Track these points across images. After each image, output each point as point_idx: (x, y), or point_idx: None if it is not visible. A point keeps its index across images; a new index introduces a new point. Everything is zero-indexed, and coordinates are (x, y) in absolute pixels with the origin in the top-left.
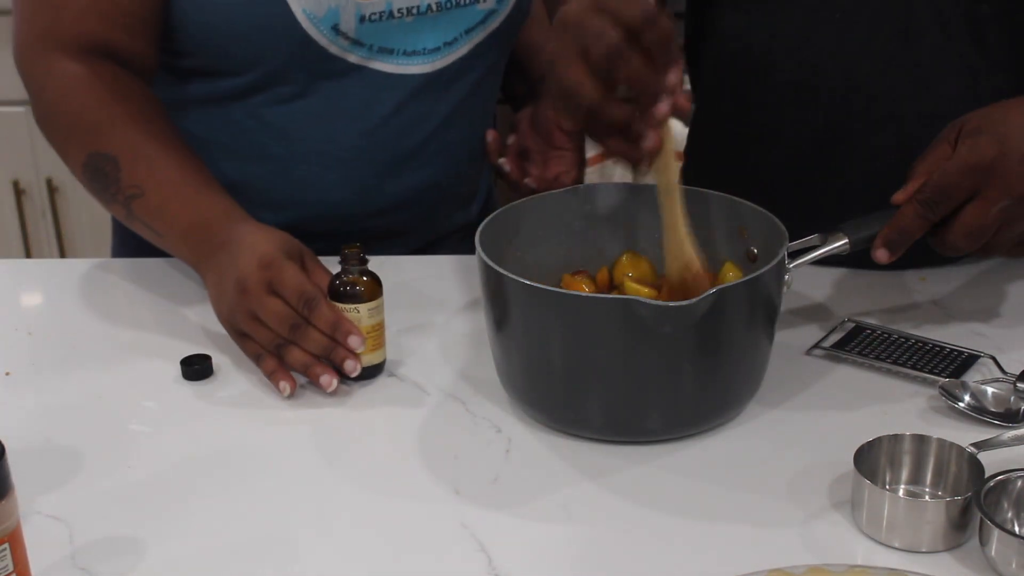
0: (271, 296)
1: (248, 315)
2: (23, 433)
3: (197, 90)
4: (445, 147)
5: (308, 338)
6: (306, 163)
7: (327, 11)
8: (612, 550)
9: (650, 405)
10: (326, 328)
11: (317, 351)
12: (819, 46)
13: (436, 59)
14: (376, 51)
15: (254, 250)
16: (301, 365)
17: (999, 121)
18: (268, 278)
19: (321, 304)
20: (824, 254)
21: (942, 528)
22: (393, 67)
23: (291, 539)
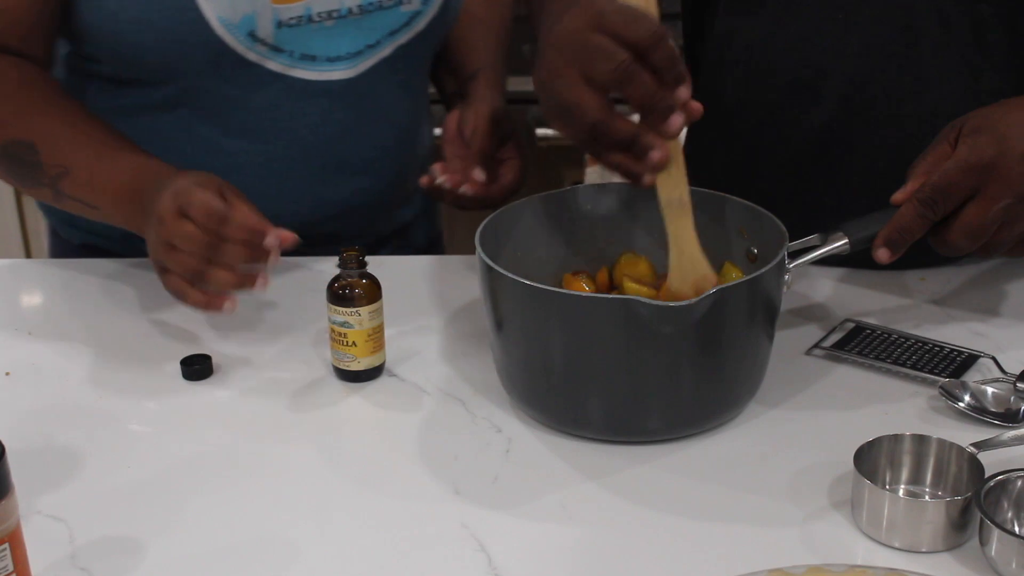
0: (182, 220)
1: (165, 246)
2: (23, 433)
3: (127, 100)
4: (380, 152)
5: (225, 253)
6: (239, 174)
7: (242, 17)
8: (612, 550)
9: (650, 405)
10: (242, 235)
11: (236, 262)
12: (820, 46)
13: (359, 63)
14: (298, 58)
15: (172, 186)
16: (229, 284)
17: (999, 120)
18: (178, 205)
19: (232, 216)
20: (824, 254)
21: (942, 528)
22: (316, 74)
23: (291, 539)
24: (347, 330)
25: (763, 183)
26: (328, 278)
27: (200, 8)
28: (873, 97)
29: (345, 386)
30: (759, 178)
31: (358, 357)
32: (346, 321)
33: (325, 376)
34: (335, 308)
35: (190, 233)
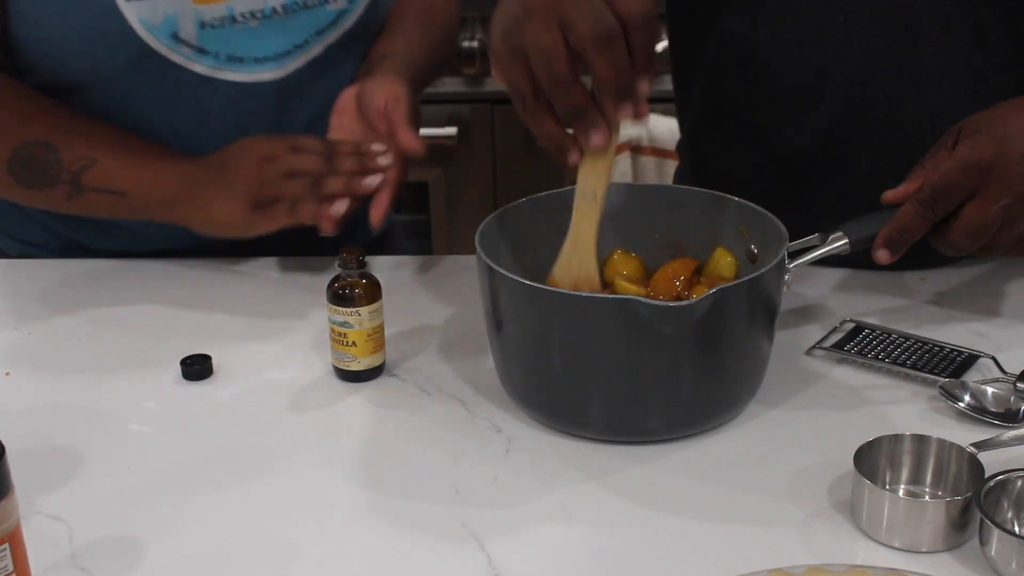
0: (294, 153)
1: (276, 180)
2: (23, 433)
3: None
4: None
5: (334, 181)
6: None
7: (163, 19)
8: (612, 550)
9: (650, 405)
10: (352, 165)
11: (346, 189)
12: (822, 48)
13: (287, 63)
14: (224, 60)
15: (249, 146)
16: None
17: (998, 121)
18: (287, 143)
19: (337, 148)
20: (824, 254)
21: (942, 528)
22: (244, 75)
23: (291, 539)
24: (347, 330)
25: (763, 184)
26: (328, 278)
27: (121, 11)
28: (874, 98)
29: (345, 386)
30: (759, 179)
31: (358, 357)
32: (346, 321)
33: (325, 376)
34: (335, 308)
35: (305, 158)
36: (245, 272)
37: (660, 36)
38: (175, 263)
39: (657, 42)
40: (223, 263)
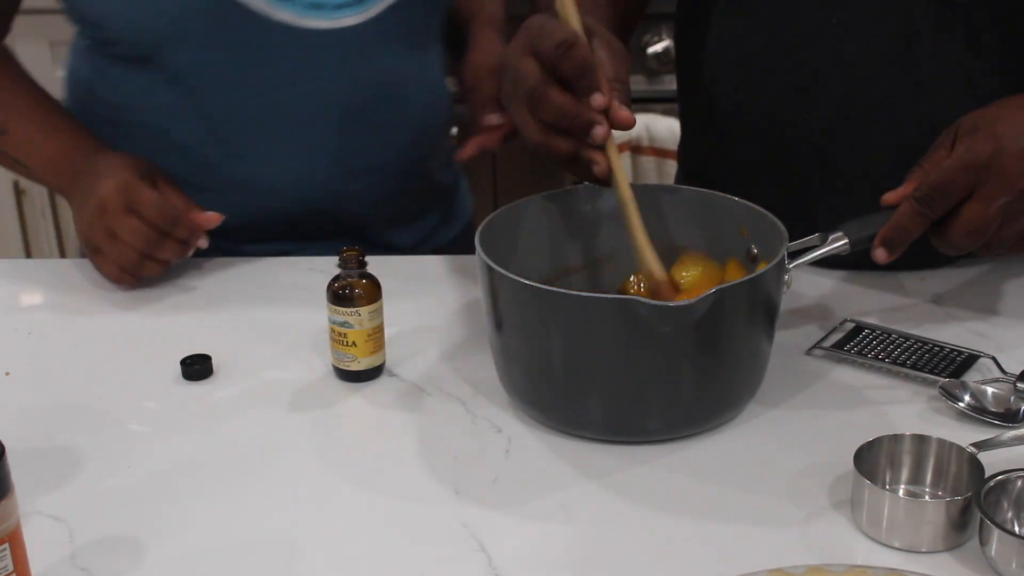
0: (130, 215)
1: (106, 233)
2: (23, 433)
3: (139, 79)
4: (401, 103)
5: (165, 248)
6: (259, 141)
7: None
8: (612, 550)
9: (650, 405)
10: (184, 234)
11: (175, 256)
12: (818, 50)
13: (367, 7)
14: (306, 7)
15: (112, 175)
16: (159, 273)
17: (994, 119)
18: (127, 201)
19: (180, 218)
20: (824, 254)
21: (942, 528)
22: (325, 22)
23: (291, 539)
24: (347, 330)
25: (762, 186)
26: (328, 278)
27: None
28: (870, 100)
29: (345, 386)
30: (758, 181)
31: (358, 357)
32: (346, 321)
33: (325, 376)
34: (335, 308)
35: (136, 228)
36: (245, 272)
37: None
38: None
39: (586, 60)
40: (223, 263)
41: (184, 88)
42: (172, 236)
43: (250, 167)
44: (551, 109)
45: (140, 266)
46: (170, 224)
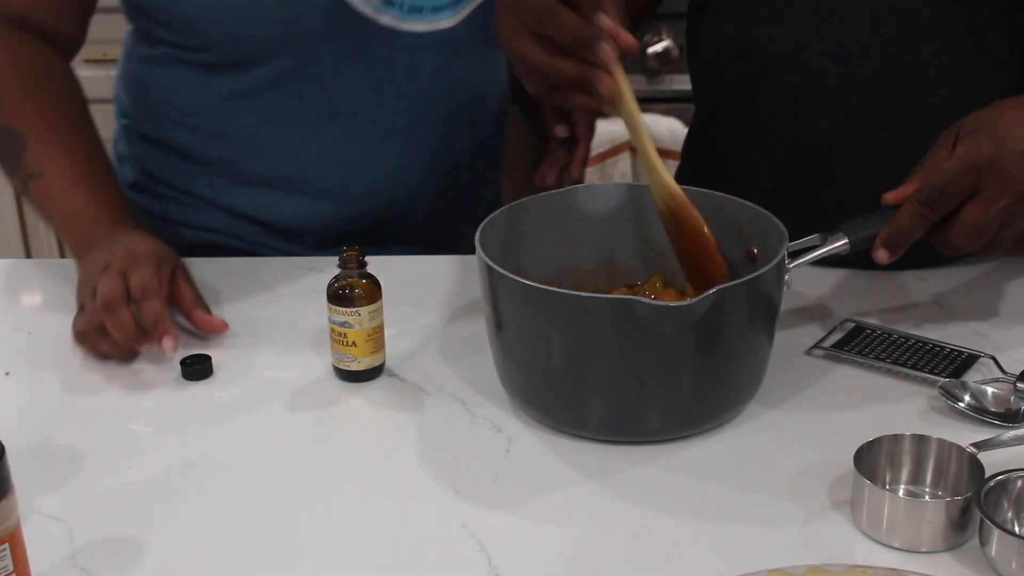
0: (119, 277)
1: (91, 289)
2: (23, 433)
3: (230, 85)
4: (491, 101)
5: (117, 321)
6: (359, 142)
7: None
8: (612, 550)
9: (650, 405)
10: (148, 320)
11: (120, 339)
12: (819, 48)
13: (460, 9)
14: (407, 10)
15: (130, 245)
16: (109, 349)
17: (996, 120)
18: (128, 266)
19: (155, 299)
20: (824, 254)
21: (942, 528)
22: (425, 25)
23: (291, 539)
24: (347, 330)
25: (763, 185)
26: (328, 278)
27: None
28: (872, 99)
29: (345, 386)
30: (759, 180)
31: (358, 357)
32: (346, 321)
33: (325, 376)
34: (335, 308)
35: (109, 289)
36: (245, 272)
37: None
38: None
39: None
40: (223, 263)
41: (282, 93)
42: (141, 312)
43: (344, 172)
44: (559, 24)
45: (98, 330)
46: (141, 298)
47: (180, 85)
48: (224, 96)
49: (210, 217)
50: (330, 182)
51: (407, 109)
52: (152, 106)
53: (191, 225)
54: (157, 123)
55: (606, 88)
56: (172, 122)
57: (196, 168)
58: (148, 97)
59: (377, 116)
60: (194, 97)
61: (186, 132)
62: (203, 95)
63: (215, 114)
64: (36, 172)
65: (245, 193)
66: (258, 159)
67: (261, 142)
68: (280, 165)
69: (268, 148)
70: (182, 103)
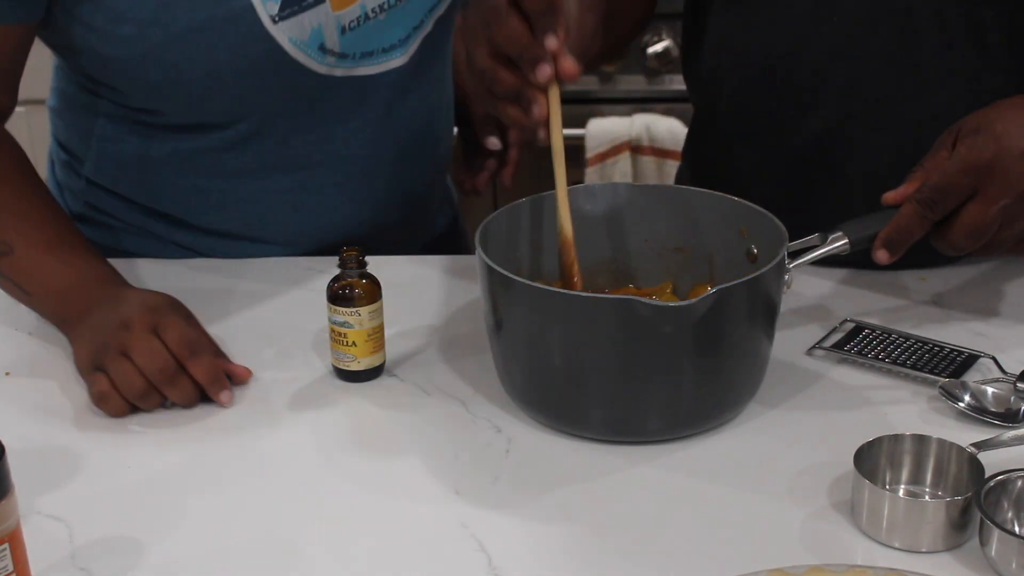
0: (152, 336)
1: (118, 351)
2: (23, 433)
3: (179, 143)
4: (439, 130)
5: (177, 388)
6: (313, 191)
7: (310, 33)
8: (612, 550)
9: (650, 405)
10: (203, 379)
11: (181, 402)
12: (819, 48)
13: (409, 46)
14: (359, 58)
15: (141, 299)
16: (152, 407)
17: (996, 120)
18: (154, 321)
19: (206, 352)
20: (824, 254)
21: (942, 528)
22: (376, 67)
23: (291, 539)
24: (347, 330)
25: (763, 185)
26: (328, 278)
27: (272, 35)
28: (872, 99)
29: (345, 386)
30: (759, 180)
31: (358, 357)
32: (346, 321)
33: (325, 376)
34: (335, 308)
35: (155, 350)
36: (245, 272)
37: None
38: (174, 263)
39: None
40: (222, 263)
41: (235, 152)
42: (188, 373)
43: (298, 220)
44: (505, 32)
45: (142, 395)
46: (189, 354)
47: (123, 137)
48: (172, 153)
49: (167, 250)
50: (284, 231)
51: (359, 150)
52: (93, 151)
53: (147, 255)
54: (98, 168)
55: (538, 110)
56: (114, 171)
57: (145, 212)
58: (88, 141)
59: (331, 162)
60: (139, 151)
61: (129, 182)
62: (150, 151)
63: (163, 169)
64: (2, 249)
65: (199, 237)
66: (208, 212)
67: (211, 196)
68: (233, 217)
69: (218, 203)
70: (126, 154)
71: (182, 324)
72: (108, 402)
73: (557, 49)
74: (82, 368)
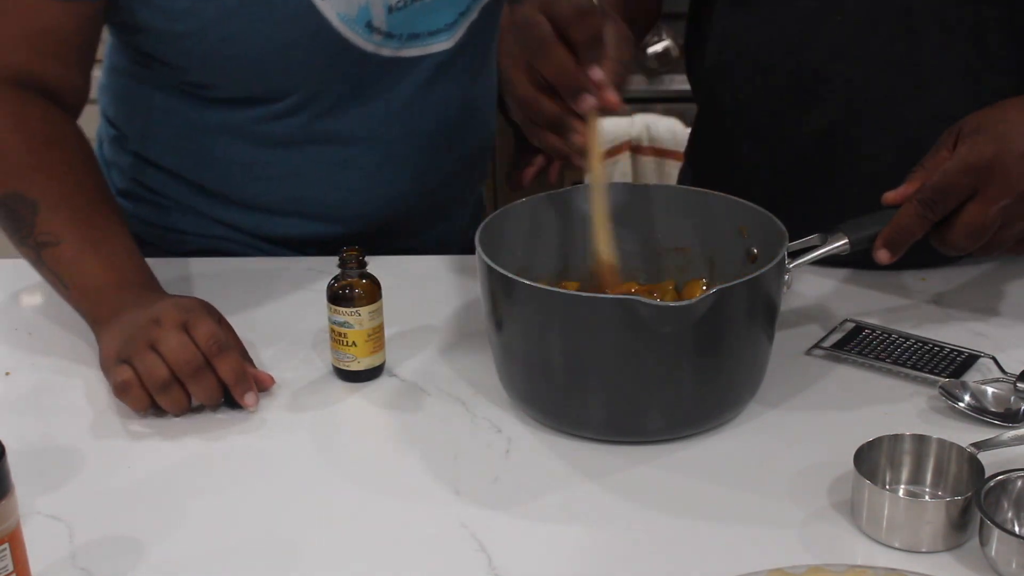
0: (181, 331)
1: (146, 344)
2: (23, 433)
3: (228, 116)
4: (482, 116)
5: (201, 384)
6: (355, 166)
7: (359, 10)
8: (612, 550)
9: (650, 405)
10: (229, 377)
11: (204, 399)
12: (820, 47)
13: (455, 31)
14: (405, 40)
15: (175, 301)
16: (175, 408)
17: (997, 120)
18: (185, 319)
19: (234, 351)
20: (824, 254)
21: (942, 528)
22: (421, 50)
23: (291, 539)
24: (347, 330)
25: (763, 184)
26: (328, 278)
27: (320, 11)
28: (873, 99)
29: (345, 386)
30: (759, 179)
31: (358, 357)
32: (346, 321)
33: (325, 376)
34: (335, 308)
35: (183, 343)
36: (245, 272)
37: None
38: (173, 262)
39: (599, 30)
40: (222, 263)
41: (281, 126)
42: (215, 372)
43: (340, 195)
44: (553, 63)
45: (163, 387)
46: (217, 351)
47: (175, 110)
48: (221, 126)
49: (209, 227)
50: (326, 206)
51: (398, 130)
52: (143, 126)
53: (189, 232)
54: (148, 143)
55: (578, 140)
56: (164, 144)
57: (190, 187)
58: (139, 117)
59: (372, 140)
60: (190, 124)
61: (180, 155)
62: (199, 123)
63: (211, 141)
64: (51, 240)
65: (242, 212)
66: (252, 185)
67: (257, 170)
68: (275, 190)
69: (263, 175)
70: (176, 128)
71: (212, 323)
72: (129, 392)
73: (602, 81)
74: (107, 362)
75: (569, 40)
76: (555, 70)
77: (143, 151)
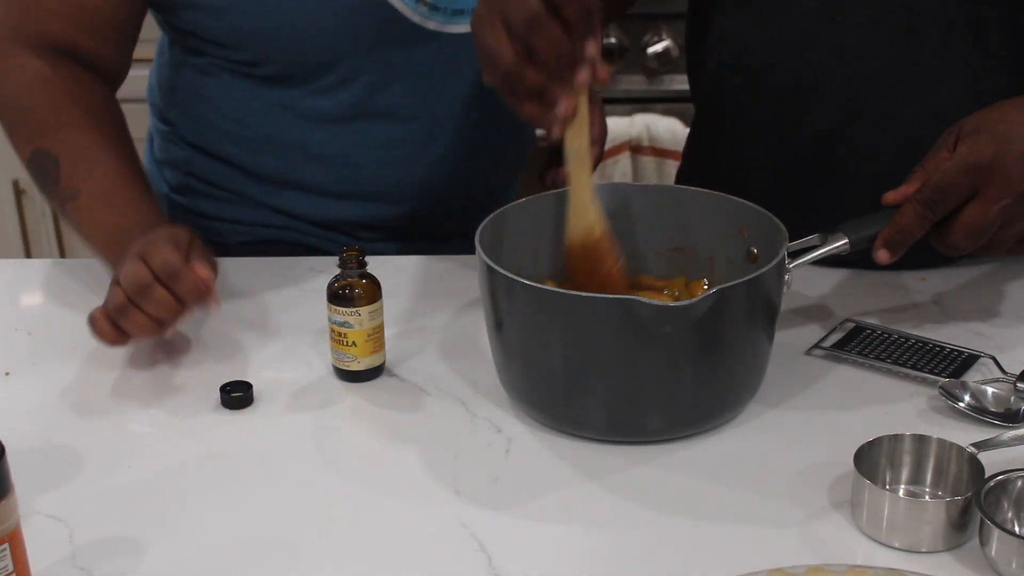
0: (136, 260)
1: (114, 280)
2: (23, 433)
3: (280, 95)
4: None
5: (152, 299)
6: (406, 144)
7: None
8: (612, 550)
9: (650, 405)
10: (187, 296)
11: (160, 314)
12: (820, 47)
13: None
14: (450, 14)
15: (148, 236)
16: (138, 330)
17: (997, 120)
18: (145, 251)
19: (184, 276)
20: (824, 254)
21: (942, 528)
22: (465, 27)
23: (291, 539)
24: (347, 330)
25: (763, 184)
26: (328, 278)
27: None
28: (874, 99)
29: (345, 386)
30: (759, 179)
31: (358, 357)
32: (346, 321)
33: (325, 376)
34: (335, 308)
35: (133, 269)
36: (244, 272)
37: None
38: None
39: (591, 6)
40: (222, 263)
41: (333, 101)
42: (171, 291)
43: (394, 175)
44: (546, 37)
45: (119, 311)
46: (169, 276)
47: (228, 95)
48: (274, 105)
49: (262, 215)
50: (380, 185)
51: (449, 109)
52: (197, 115)
53: (244, 222)
54: (202, 132)
55: (566, 107)
56: (219, 131)
57: (245, 175)
58: (193, 106)
59: (422, 118)
60: (243, 107)
61: (234, 141)
62: (253, 104)
63: (265, 123)
64: (72, 194)
65: (296, 196)
66: (307, 166)
67: (311, 149)
68: (330, 171)
69: (318, 155)
70: (231, 112)
71: (168, 250)
72: (94, 326)
73: (595, 56)
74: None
75: (561, 15)
76: (551, 45)
77: (198, 141)
